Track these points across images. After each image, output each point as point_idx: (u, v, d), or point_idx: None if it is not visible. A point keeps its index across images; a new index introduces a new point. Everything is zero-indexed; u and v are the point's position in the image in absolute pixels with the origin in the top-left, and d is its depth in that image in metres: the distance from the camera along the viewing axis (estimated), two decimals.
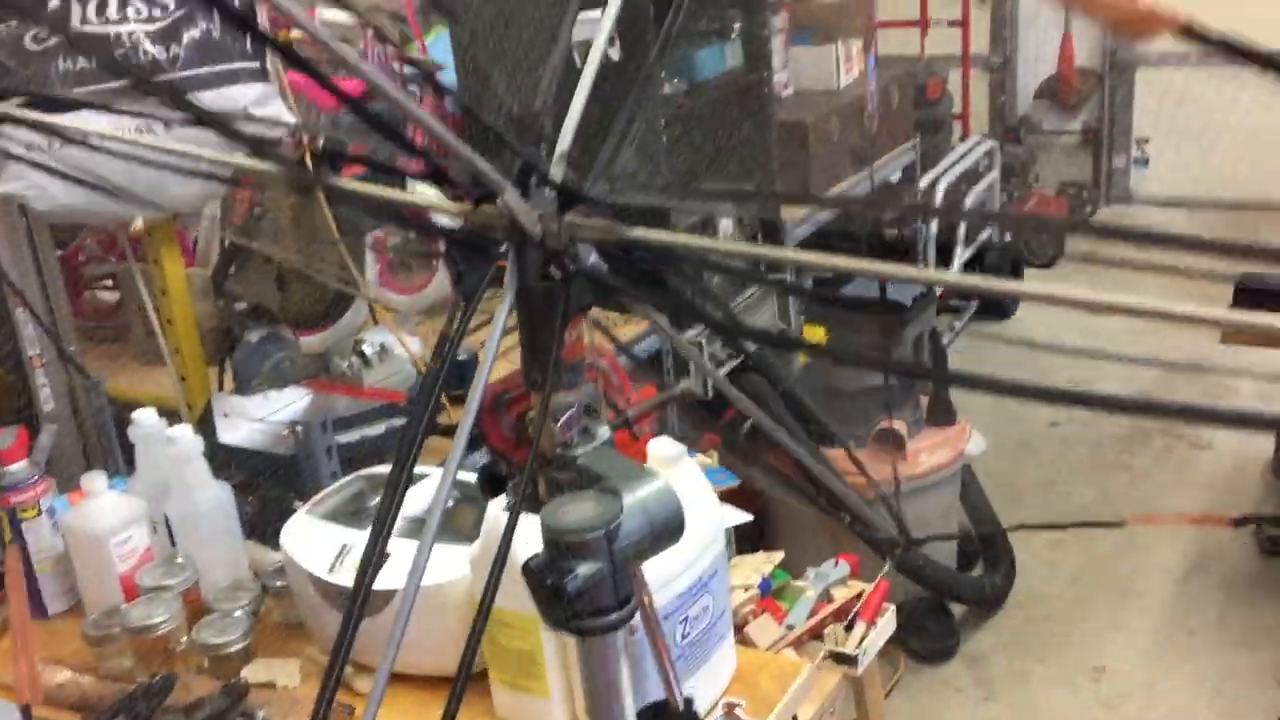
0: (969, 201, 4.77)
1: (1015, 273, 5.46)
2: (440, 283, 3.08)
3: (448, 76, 3.22)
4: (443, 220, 0.66)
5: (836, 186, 3.73)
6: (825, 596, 1.97)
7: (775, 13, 3.73)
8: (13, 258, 2.24)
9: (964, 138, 5.39)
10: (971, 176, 4.96)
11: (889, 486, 2.78)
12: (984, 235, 5.12)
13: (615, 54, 2.71)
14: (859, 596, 1.98)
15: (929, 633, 3.07)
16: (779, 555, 2.08)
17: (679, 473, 1.37)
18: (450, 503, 1.52)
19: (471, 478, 0.99)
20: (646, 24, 2.70)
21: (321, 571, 1.54)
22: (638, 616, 0.71)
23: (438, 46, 3.35)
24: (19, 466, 1.76)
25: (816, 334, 4.20)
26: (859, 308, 4.38)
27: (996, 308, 5.14)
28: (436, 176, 0.65)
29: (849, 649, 1.85)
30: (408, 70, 3.42)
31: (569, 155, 0.64)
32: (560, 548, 0.58)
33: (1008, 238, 5.36)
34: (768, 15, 3.14)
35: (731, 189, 2.63)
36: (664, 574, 1.33)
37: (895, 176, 4.50)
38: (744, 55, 3.11)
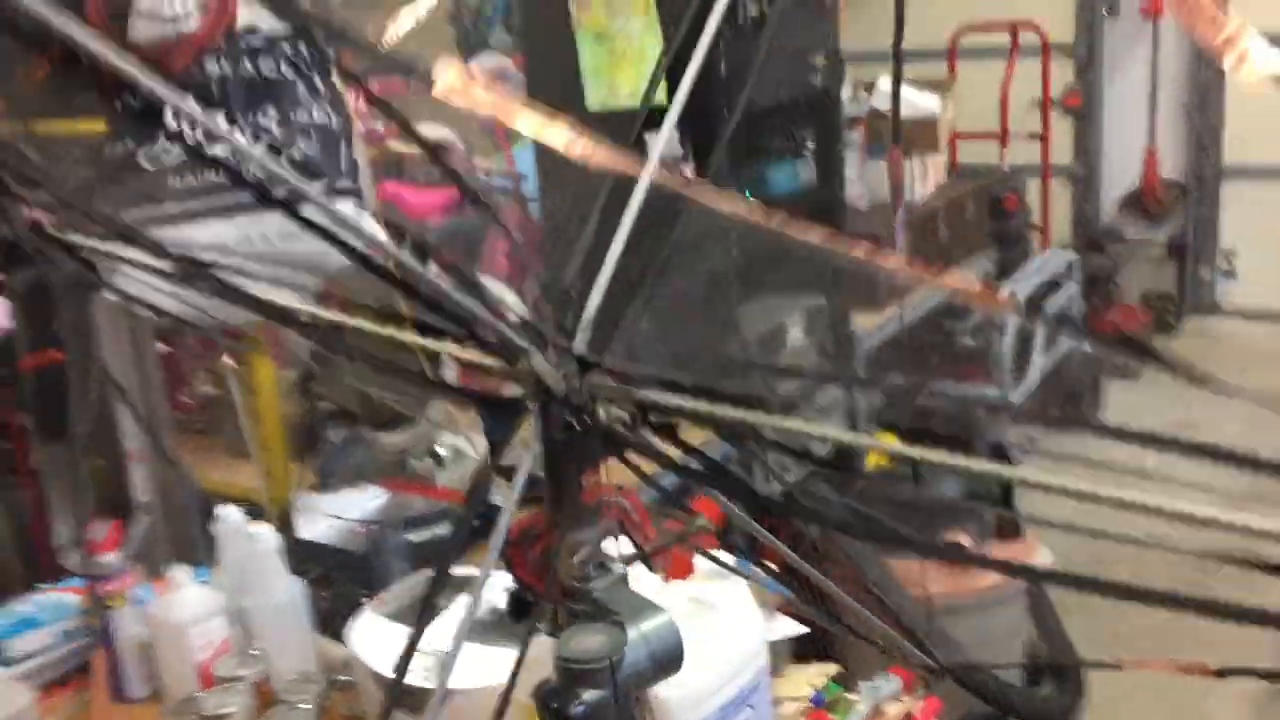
0: (1047, 311, 4.78)
1: (1095, 385, 5.43)
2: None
3: (530, 186, 3.37)
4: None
5: (907, 298, 3.78)
6: (876, 711, 1.99)
7: (851, 129, 3.84)
8: (116, 355, 2.40)
9: (1044, 248, 5.41)
10: (1051, 287, 4.97)
11: (948, 600, 2.79)
12: (1064, 346, 5.11)
13: (689, 172, 2.82)
14: (910, 713, 2.00)
15: None
16: (832, 668, 2.11)
17: (722, 588, 1.42)
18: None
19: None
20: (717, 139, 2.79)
21: (385, 669, 1.62)
22: None
23: (524, 158, 3.52)
24: (111, 557, 1.88)
25: (888, 439, 4.24)
26: (932, 416, 4.40)
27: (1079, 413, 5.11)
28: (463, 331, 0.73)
29: None
30: (498, 181, 3.59)
31: (595, 320, 0.73)
32: (569, 675, 0.65)
33: (1088, 348, 5.34)
34: (843, 134, 3.25)
35: (768, 365, 2.71)
36: (705, 687, 1.38)
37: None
38: (818, 172, 3.21)
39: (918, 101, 3.98)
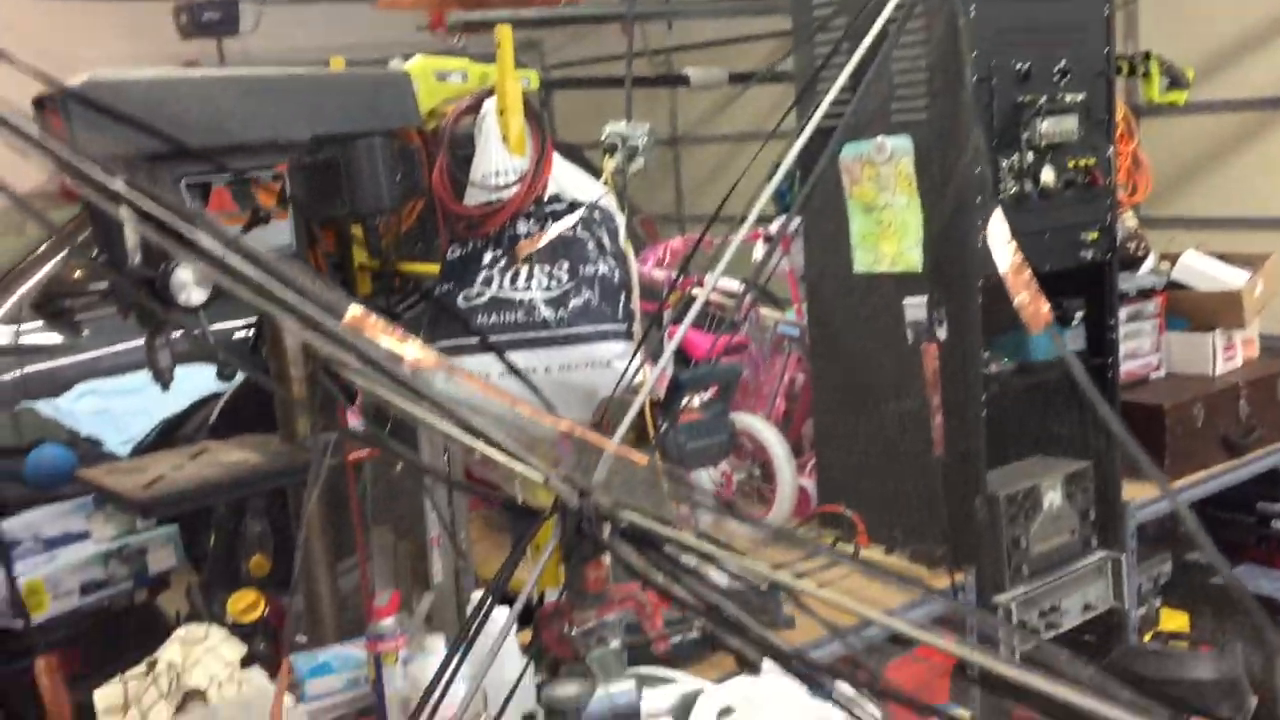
0: None
1: None
2: (778, 513, 3.44)
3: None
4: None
5: (1197, 474, 3.71)
6: None
7: (1148, 299, 3.85)
8: (432, 457, 2.89)
9: None
10: None
11: None
12: None
13: (943, 334, 3.01)
14: None
15: None
16: None
17: None
18: None
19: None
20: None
21: None
22: None
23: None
24: (388, 622, 2.31)
25: (1177, 620, 4.08)
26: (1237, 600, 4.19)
27: None
28: None
29: None
30: (785, 329, 3.89)
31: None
32: (549, 710, 0.93)
33: None
34: (1115, 306, 3.31)
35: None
36: None
37: None
38: (1087, 340, 3.29)
39: (1221, 275, 3.92)
